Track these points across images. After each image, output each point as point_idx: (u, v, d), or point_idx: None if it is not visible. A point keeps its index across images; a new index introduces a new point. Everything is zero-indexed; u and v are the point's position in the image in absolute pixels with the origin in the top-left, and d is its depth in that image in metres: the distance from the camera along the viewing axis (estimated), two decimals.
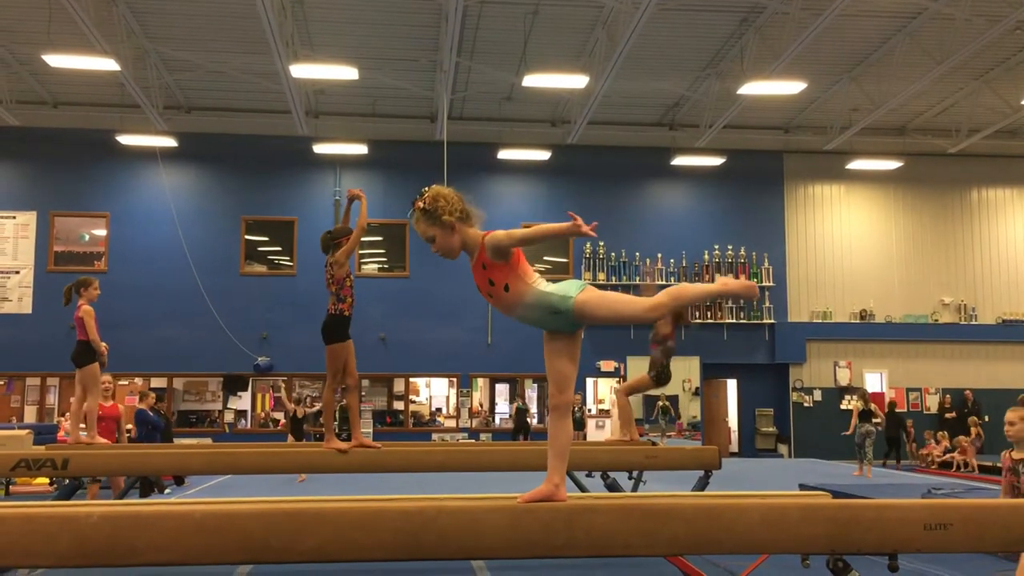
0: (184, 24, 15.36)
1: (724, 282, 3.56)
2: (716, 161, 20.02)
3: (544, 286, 3.36)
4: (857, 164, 20.37)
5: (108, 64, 14.56)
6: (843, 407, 19.70)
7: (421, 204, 3.35)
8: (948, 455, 17.19)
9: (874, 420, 15.52)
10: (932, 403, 20.73)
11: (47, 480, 12.08)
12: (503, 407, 21.17)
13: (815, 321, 20.65)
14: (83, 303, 7.37)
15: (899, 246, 21.17)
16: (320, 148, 19.03)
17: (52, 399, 19.32)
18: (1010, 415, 5.20)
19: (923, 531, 3.19)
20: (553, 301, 3.33)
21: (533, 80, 15.37)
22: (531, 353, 20.29)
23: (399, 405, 20.22)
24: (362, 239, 7.10)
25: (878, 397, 20.18)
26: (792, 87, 16.17)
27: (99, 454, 6.47)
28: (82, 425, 7.51)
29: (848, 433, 15.77)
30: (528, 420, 19.45)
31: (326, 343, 6.40)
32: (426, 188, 3.41)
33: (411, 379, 20.43)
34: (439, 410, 21.04)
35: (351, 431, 6.57)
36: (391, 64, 16.69)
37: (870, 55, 16.53)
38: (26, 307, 18.73)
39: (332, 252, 6.47)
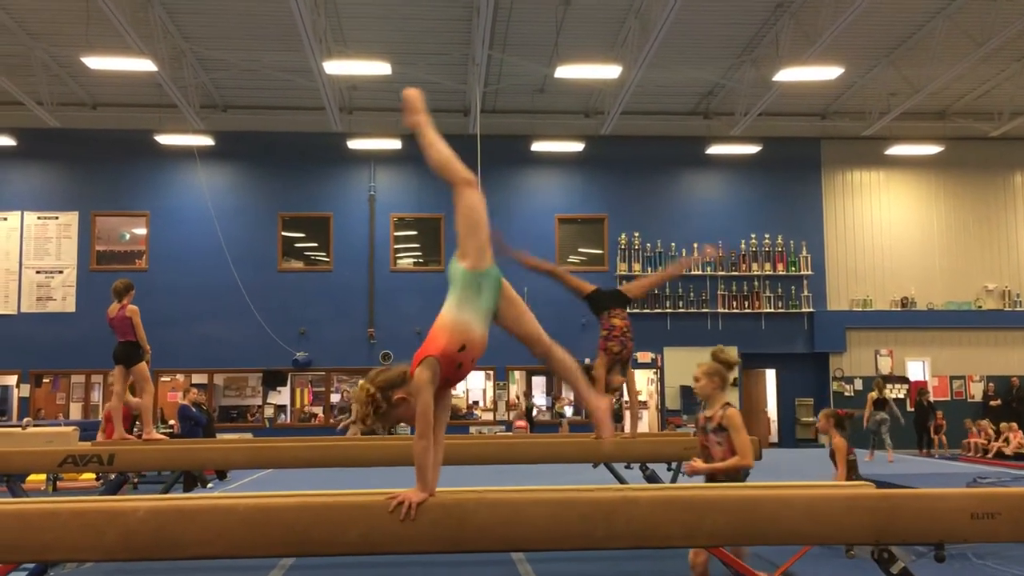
0: (219, 23, 15.52)
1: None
2: (752, 149, 19.83)
3: (451, 303, 3.35)
4: (896, 149, 20.05)
5: (145, 65, 14.75)
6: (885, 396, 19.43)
7: (369, 410, 3.25)
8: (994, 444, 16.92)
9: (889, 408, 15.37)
10: (976, 391, 20.40)
11: (93, 475, 12.31)
12: (540, 400, 21.20)
13: (855, 309, 20.39)
14: (127, 302, 7.50)
15: (940, 232, 20.83)
16: (354, 144, 19.13)
17: (96, 396, 19.67)
18: (696, 371, 5.04)
19: (970, 520, 3.14)
20: (465, 285, 3.34)
21: (566, 71, 15.31)
22: (568, 345, 20.24)
23: None
24: (396, 234, 7.41)
25: (914, 385, 19.94)
26: (829, 72, 15.94)
27: (144, 449, 6.58)
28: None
29: (866, 425, 15.49)
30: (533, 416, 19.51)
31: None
32: (357, 387, 3.36)
33: None
34: (476, 403, 21.10)
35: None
36: (423, 58, 16.73)
37: (909, 38, 16.25)
38: (70, 306, 19.07)
39: None
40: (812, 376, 20.51)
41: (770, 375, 21.12)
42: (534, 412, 20.50)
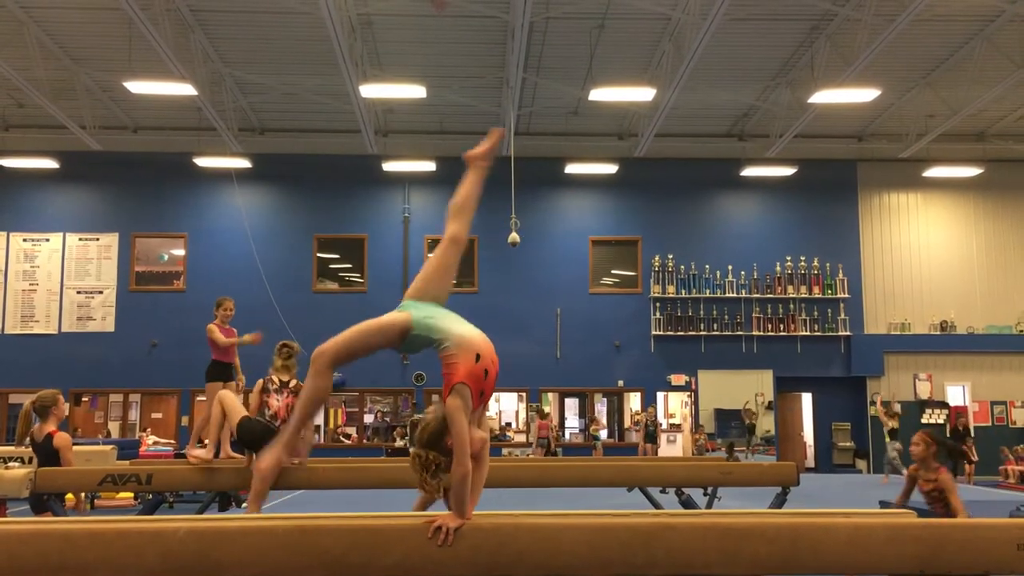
0: (257, 48, 15.77)
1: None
2: (787, 171, 19.69)
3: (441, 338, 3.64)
4: (934, 171, 19.81)
5: (186, 89, 15.01)
6: (924, 421, 19.15)
7: (426, 475, 3.23)
8: None
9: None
10: (1019, 417, 20.00)
11: (132, 494, 12.40)
12: (573, 422, 21.09)
13: (893, 333, 20.12)
14: (217, 322, 7.77)
15: (980, 254, 20.52)
16: (389, 166, 19.28)
17: (134, 415, 19.89)
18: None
19: (1016, 551, 3.08)
20: (435, 318, 3.90)
21: (600, 94, 15.33)
22: (600, 367, 20.25)
23: None
24: (430, 255, 7.51)
25: (954, 410, 19.60)
26: (865, 95, 15.81)
27: (181, 469, 6.63)
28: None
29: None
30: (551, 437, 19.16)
31: None
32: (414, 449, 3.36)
33: None
34: (509, 425, 21.05)
35: None
36: (458, 81, 16.86)
37: (946, 60, 16.11)
38: (109, 326, 19.35)
39: None
40: (849, 400, 20.23)
41: (806, 399, 20.88)
42: (566, 436, 20.41)
